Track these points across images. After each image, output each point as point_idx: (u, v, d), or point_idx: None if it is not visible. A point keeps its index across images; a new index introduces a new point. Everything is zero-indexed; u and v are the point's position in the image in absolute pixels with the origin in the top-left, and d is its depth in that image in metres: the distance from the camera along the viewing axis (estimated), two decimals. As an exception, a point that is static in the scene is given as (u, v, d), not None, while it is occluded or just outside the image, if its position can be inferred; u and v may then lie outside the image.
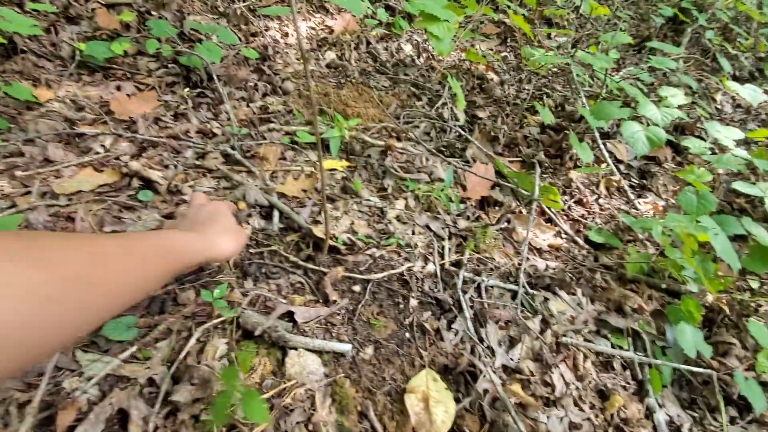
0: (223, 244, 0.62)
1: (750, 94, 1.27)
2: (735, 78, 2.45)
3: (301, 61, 1.71)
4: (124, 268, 0.43)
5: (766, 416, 0.97)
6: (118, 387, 0.59)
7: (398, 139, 1.30)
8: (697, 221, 0.92)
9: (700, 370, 0.90)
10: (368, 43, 1.85)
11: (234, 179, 0.97)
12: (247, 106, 1.32)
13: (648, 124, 1.10)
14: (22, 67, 1.28)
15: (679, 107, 1.83)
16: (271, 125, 1.19)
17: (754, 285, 1.34)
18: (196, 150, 1.08)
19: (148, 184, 0.95)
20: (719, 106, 2.16)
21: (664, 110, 1.07)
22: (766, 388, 1.00)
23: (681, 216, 0.90)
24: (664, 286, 1.13)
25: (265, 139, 1.12)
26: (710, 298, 1.12)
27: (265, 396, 0.60)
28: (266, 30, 1.79)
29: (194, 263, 0.57)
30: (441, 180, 1.14)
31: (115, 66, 1.38)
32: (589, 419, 0.76)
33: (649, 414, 0.84)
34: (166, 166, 1.02)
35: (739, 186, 1.37)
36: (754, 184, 1.27)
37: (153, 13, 1.62)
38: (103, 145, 1.07)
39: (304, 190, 1.00)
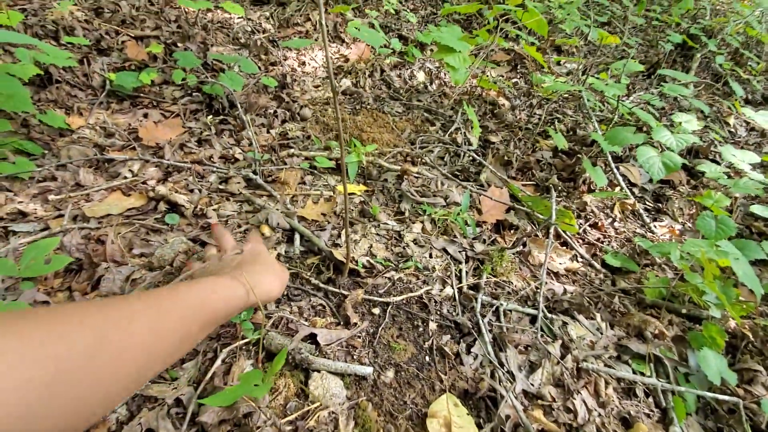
0: (267, 285, 0.58)
1: (765, 119, 1.28)
2: (747, 102, 2.46)
3: (318, 88, 1.77)
4: (157, 329, 0.39)
5: (797, 448, 0.93)
6: (146, 407, 0.60)
7: (413, 163, 1.33)
8: (716, 246, 0.92)
9: (726, 398, 0.88)
10: (382, 70, 1.92)
11: (256, 203, 1.00)
12: (268, 132, 1.37)
13: (662, 150, 1.11)
14: (56, 96, 1.35)
15: (693, 132, 1.84)
16: (291, 150, 1.23)
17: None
18: (219, 175, 1.11)
19: (174, 207, 0.98)
20: (732, 130, 2.16)
21: (678, 136, 1.08)
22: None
23: (700, 241, 0.90)
24: (684, 311, 1.11)
25: (285, 164, 1.16)
26: (733, 323, 1.11)
27: (289, 418, 0.61)
28: (285, 59, 1.86)
29: (238, 310, 0.53)
30: (456, 204, 1.16)
31: (142, 95, 1.45)
32: (613, 448, 0.74)
33: (675, 443, 0.82)
34: (191, 191, 1.05)
35: (757, 210, 1.36)
36: (772, 207, 1.26)
37: (179, 45, 1.71)
38: (131, 170, 1.12)
39: (324, 214, 1.02)
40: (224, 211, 0.98)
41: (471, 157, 1.48)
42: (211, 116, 1.41)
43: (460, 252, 1.02)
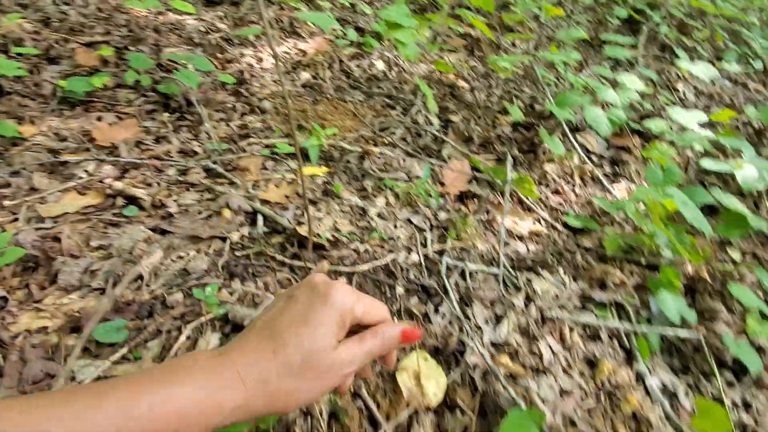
0: (302, 396, 0.36)
1: (702, 71, 1.35)
2: (694, 69, 2.58)
3: (278, 83, 1.77)
4: None
5: (764, 379, 0.98)
6: (109, 387, 0.59)
7: (375, 144, 1.35)
8: (664, 192, 0.97)
9: (687, 333, 0.93)
10: (341, 61, 1.93)
11: (217, 190, 1.00)
12: (227, 125, 1.37)
13: (608, 109, 1.16)
14: (8, 107, 1.31)
15: (642, 97, 1.91)
16: (251, 140, 1.23)
17: (736, 256, 1.38)
18: (178, 168, 1.10)
19: (132, 201, 0.97)
20: (682, 96, 2.27)
21: (622, 93, 1.13)
22: (760, 352, 1.03)
23: (648, 188, 0.94)
24: (643, 261, 1.16)
25: (245, 152, 1.16)
26: (690, 268, 1.16)
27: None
28: (241, 56, 1.86)
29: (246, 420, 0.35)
30: (419, 178, 1.18)
31: (95, 99, 1.42)
32: (579, 386, 0.77)
33: (639, 379, 0.86)
34: (149, 184, 1.04)
35: (707, 163, 1.43)
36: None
37: (131, 48, 1.68)
38: (86, 171, 1.10)
39: (287, 196, 1.02)
40: (184, 201, 0.98)
41: (433, 136, 1.50)
42: (167, 114, 1.39)
43: (424, 221, 1.04)
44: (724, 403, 0.87)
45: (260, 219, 0.92)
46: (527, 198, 1.31)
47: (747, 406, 0.90)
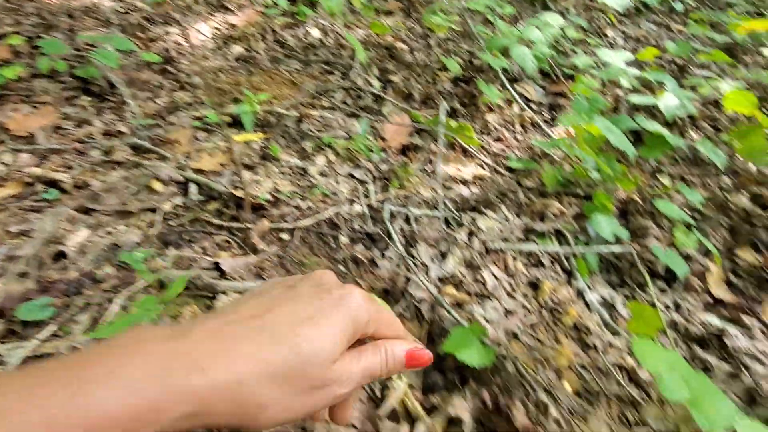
0: (280, 413, 0.27)
1: (616, 1, 1.40)
2: (623, 15, 2.67)
3: (208, 58, 1.70)
4: None
5: (691, 282, 1.07)
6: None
7: (314, 108, 1.32)
8: (591, 120, 1.01)
9: (620, 249, 0.99)
10: (274, 32, 1.87)
11: (145, 165, 0.95)
12: (154, 102, 1.30)
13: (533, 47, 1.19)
14: None
15: (574, 43, 1.96)
16: (180, 113, 1.18)
17: (666, 181, 1.46)
18: (102, 149, 1.04)
19: (53, 185, 0.91)
20: (611, 41, 2.35)
21: (545, 30, 1.16)
22: (688, 260, 1.11)
23: (573, 115, 0.98)
24: (580, 192, 1.22)
25: (173, 125, 1.11)
26: (623, 193, 1.23)
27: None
28: (166, 35, 1.76)
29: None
30: (360, 135, 1.17)
31: (8, 92, 1.31)
32: (523, 306, 0.81)
33: (580, 295, 0.91)
34: (71, 167, 0.98)
35: (634, 99, 1.50)
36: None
37: (44, 36, 1.55)
38: (3, 163, 1.02)
39: (222, 164, 0.99)
40: (110, 179, 0.93)
41: (374, 97, 1.49)
42: (89, 98, 1.31)
43: (366, 175, 1.04)
44: (656, 306, 0.94)
45: (193, 187, 0.89)
46: (470, 146, 1.33)
47: (678, 307, 0.97)
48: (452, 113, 1.57)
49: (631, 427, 0.65)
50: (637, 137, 1.42)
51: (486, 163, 1.30)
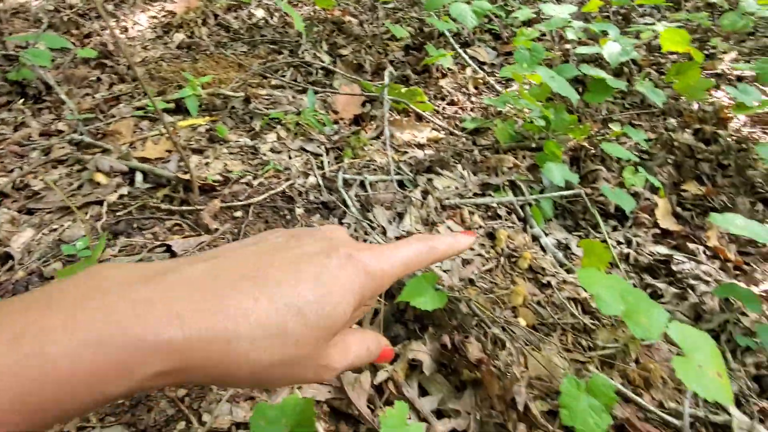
0: (276, 378, 0.24)
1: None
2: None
3: (148, 49, 1.63)
4: None
5: (640, 218, 1.11)
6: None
7: (263, 87, 1.30)
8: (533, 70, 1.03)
9: (570, 192, 1.02)
10: (216, 16, 1.81)
11: (87, 160, 0.92)
12: (92, 98, 1.25)
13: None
14: None
15: (522, 1, 1.96)
16: (121, 105, 1.14)
17: (616, 127, 1.51)
18: (42, 149, 1.00)
19: (-10, 190, 0.87)
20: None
21: (483, -14, 1.16)
22: (636, 197, 1.15)
23: (515, 66, 0.99)
24: (533, 145, 1.24)
25: (114, 117, 1.07)
26: (574, 142, 1.26)
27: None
28: (102, 29, 1.68)
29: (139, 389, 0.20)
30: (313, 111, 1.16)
31: (-69, 102, 1.24)
32: (480, 255, 0.83)
33: (536, 241, 0.94)
34: (11, 171, 0.94)
35: (581, 50, 1.53)
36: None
37: (-37, 40, 1.46)
38: (-68, 175, 0.97)
39: (168, 151, 0.97)
40: (51, 177, 0.90)
41: (324, 71, 1.47)
42: (24, 101, 1.25)
43: (319, 147, 1.03)
44: (608, 242, 0.98)
45: (139, 176, 0.87)
46: (424, 111, 1.34)
47: (629, 241, 1.02)
48: (405, 81, 1.56)
49: (585, 351, 0.69)
50: (585, 86, 1.45)
51: (441, 127, 1.31)
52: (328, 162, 1.00)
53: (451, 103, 1.51)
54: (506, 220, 0.97)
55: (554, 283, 0.81)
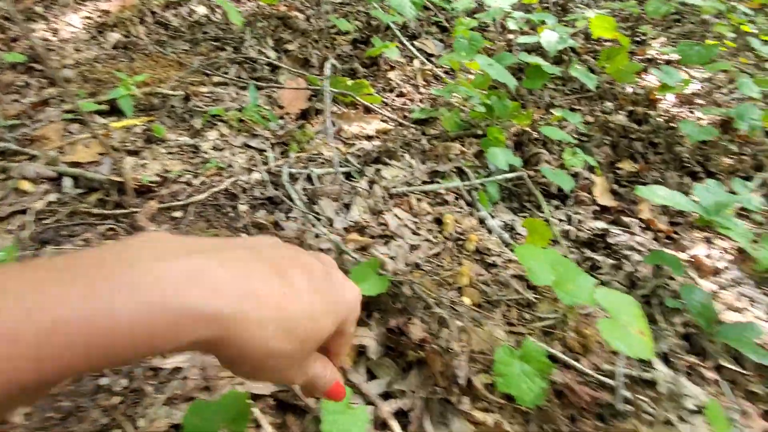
0: (271, 371, 0.27)
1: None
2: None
3: (81, 51, 1.55)
4: None
5: (580, 196, 1.17)
6: None
7: (204, 85, 1.26)
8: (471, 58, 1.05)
9: (514, 174, 1.05)
10: (154, 13, 1.73)
11: (12, 168, 0.86)
12: (19, 103, 1.17)
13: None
14: None
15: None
16: (49, 109, 1.07)
17: (558, 113, 1.57)
18: (-41, 158, 0.93)
19: None
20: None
21: (421, -23, 1.18)
22: (576, 177, 1.21)
23: (454, 54, 1.02)
24: (480, 132, 1.28)
25: (41, 122, 1.01)
26: (517, 127, 1.30)
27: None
28: (31, 32, 1.57)
29: (183, 349, 0.22)
30: (257, 106, 1.14)
31: None
32: (427, 240, 0.85)
33: (482, 223, 0.97)
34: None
35: (521, 39, 1.58)
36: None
37: None
38: None
39: (101, 154, 0.92)
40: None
41: (270, 67, 1.45)
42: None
43: (263, 143, 1.02)
44: (550, 221, 1.02)
45: (67, 181, 0.82)
46: (372, 104, 1.34)
47: (570, 219, 1.07)
48: (354, 74, 1.56)
49: (527, 324, 0.71)
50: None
51: (390, 118, 1.32)
52: (274, 157, 0.99)
53: (400, 95, 1.53)
54: (454, 205, 0.99)
55: (500, 262, 0.84)
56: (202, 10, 1.84)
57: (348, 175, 0.99)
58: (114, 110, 1.08)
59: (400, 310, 0.64)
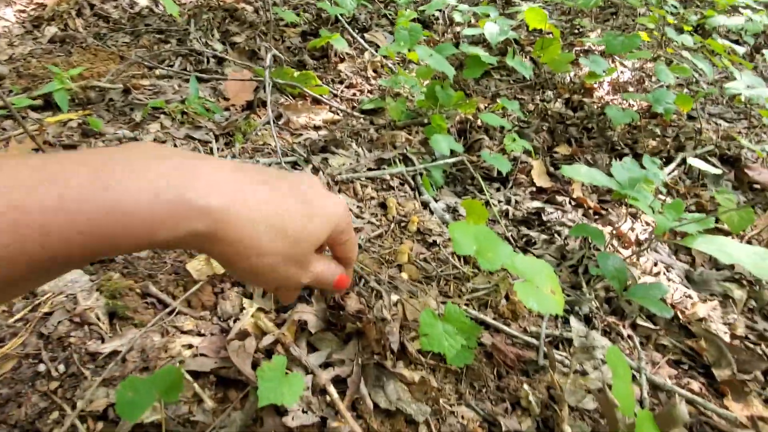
0: (266, 271, 0.29)
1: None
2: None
3: (15, 45, 1.47)
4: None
5: (519, 178, 1.24)
6: None
7: (145, 77, 1.24)
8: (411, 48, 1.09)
9: (455, 159, 1.11)
10: (92, 6, 1.67)
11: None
12: (-58, 98, 1.11)
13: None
14: None
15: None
16: (-24, 104, 1.03)
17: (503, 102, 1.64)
18: None
19: None
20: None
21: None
22: (515, 161, 1.28)
23: (394, 45, 1.05)
24: (426, 121, 1.32)
25: (-33, 117, 0.97)
26: (461, 115, 1.36)
27: (18, 317, 0.57)
28: (-47, 24, 1.48)
29: (175, 245, 0.25)
30: (200, 98, 1.13)
31: None
32: (370, 222, 0.88)
33: (426, 207, 1.02)
34: None
35: (467, 31, 1.64)
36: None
37: None
38: None
39: (35, 149, 0.90)
40: None
41: (216, 59, 1.43)
42: None
43: (207, 134, 1.02)
44: (490, 202, 1.09)
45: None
46: (321, 95, 1.36)
47: (509, 200, 1.14)
48: (303, 66, 1.57)
49: (462, 295, 0.77)
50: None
51: (339, 109, 1.35)
52: (218, 148, 0.99)
53: (350, 86, 1.55)
54: (399, 190, 1.04)
55: (440, 241, 0.89)
56: (143, 1, 1.78)
57: (294, 165, 1.01)
58: (49, 105, 1.05)
59: (339, 287, 0.67)
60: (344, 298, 0.63)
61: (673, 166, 1.33)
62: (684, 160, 1.39)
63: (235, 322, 0.65)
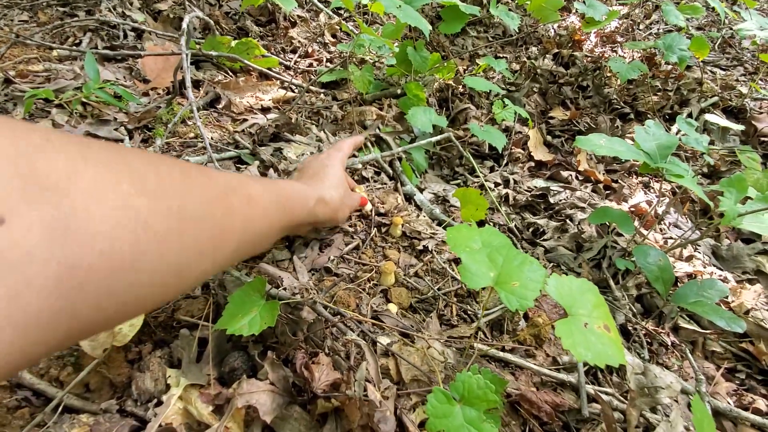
0: (332, 202, 0.56)
1: None
2: None
3: None
4: (250, 215, 0.37)
5: (515, 153, 1.06)
6: None
7: (39, 61, 0.96)
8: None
9: (441, 137, 0.91)
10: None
11: None
12: None
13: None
14: None
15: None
16: None
17: (483, 61, 1.43)
18: None
19: None
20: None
21: None
22: (508, 133, 1.09)
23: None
24: (399, 92, 1.11)
25: None
26: (439, 82, 1.15)
27: None
28: None
29: (306, 221, 0.51)
30: (107, 82, 0.88)
31: None
32: (342, 231, 0.68)
33: (410, 200, 0.82)
34: None
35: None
36: None
37: None
38: None
39: None
40: None
41: (135, 33, 1.16)
42: None
43: (117, 130, 0.78)
44: (486, 186, 0.90)
45: None
46: (268, 68, 1.12)
47: (507, 181, 0.95)
48: (246, 34, 1.31)
49: (470, 321, 0.59)
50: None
51: (293, 84, 1.11)
52: (135, 145, 0.76)
53: (305, 55, 1.31)
54: (374, 181, 0.83)
55: (432, 246, 0.70)
56: (41, -34, 1.45)
57: (237, 162, 0.79)
58: None
59: (304, 341, 0.48)
60: (308, 366, 0.43)
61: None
62: (690, 115, 1.23)
63: (156, 406, 0.45)
